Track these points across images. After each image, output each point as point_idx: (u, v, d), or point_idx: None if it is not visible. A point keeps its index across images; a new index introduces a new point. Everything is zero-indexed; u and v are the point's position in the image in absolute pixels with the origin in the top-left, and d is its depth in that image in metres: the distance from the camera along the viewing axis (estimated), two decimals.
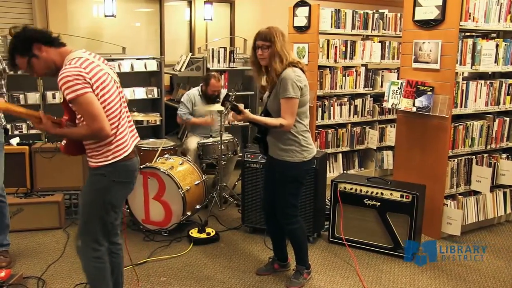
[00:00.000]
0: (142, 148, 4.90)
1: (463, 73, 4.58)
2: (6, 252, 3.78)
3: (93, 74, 2.51)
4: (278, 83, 3.15)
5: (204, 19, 8.49)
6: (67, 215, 4.65)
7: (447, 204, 4.32)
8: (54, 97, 5.55)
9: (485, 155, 4.54)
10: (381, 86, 5.97)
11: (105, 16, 7.52)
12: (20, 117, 5.43)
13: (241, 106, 3.17)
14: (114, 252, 2.92)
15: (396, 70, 5.87)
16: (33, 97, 5.54)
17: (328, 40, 5.52)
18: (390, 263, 3.92)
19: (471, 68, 4.22)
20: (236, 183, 5.50)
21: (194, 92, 5.49)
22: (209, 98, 5.37)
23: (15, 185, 4.57)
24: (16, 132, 5.35)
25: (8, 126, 4.40)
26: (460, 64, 4.13)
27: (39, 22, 7.19)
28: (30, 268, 3.72)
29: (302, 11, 5.55)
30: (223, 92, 5.63)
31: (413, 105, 4.28)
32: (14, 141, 4.77)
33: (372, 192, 4.05)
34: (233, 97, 3.20)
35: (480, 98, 4.36)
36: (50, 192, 4.61)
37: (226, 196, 5.20)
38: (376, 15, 5.84)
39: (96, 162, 2.62)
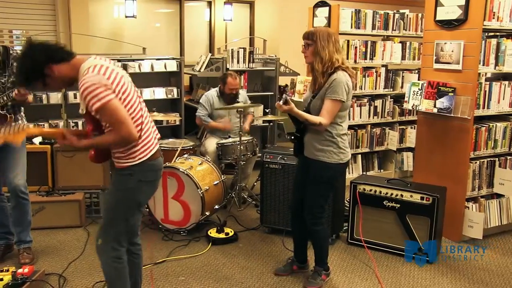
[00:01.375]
0: (162, 148, 4.91)
1: (485, 73, 4.51)
2: (29, 249, 3.84)
3: (113, 80, 2.50)
4: (328, 84, 3.17)
5: (224, 20, 8.52)
6: (88, 214, 4.70)
7: (468, 207, 4.26)
8: (75, 97, 5.61)
9: (508, 157, 4.46)
10: (402, 87, 5.91)
11: (126, 16, 7.60)
12: (42, 117, 5.58)
13: (288, 98, 3.20)
14: (134, 252, 2.94)
15: (417, 71, 5.82)
16: (55, 97, 5.61)
17: (348, 41, 5.49)
18: (410, 266, 3.87)
19: (495, 68, 4.15)
20: (255, 184, 5.50)
21: (212, 93, 5.48)
22: (227, 97, 5.36)
23: (37, 184, 4.64)
24: None
25: (31, 126, 4.47)
26: (483, 65, 4.07)
27: (62, 23, 7.30)
28: (51, 265, 3.77)
29: (322, 12, 5.53)
30: (242, 93, 5.63)
31: (434, 106, 4.23)
32: (37, 140, 4.83)
33: (391, 194, 4.01)
34: (288, 92, 3.22)
35: (503, 99, 4.29)
36: (71, 190, 4.66)
37: (245, 196, 5.20)
38: (396, 16, 5.79)
39: (124, 163, 2.65)
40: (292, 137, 3.43)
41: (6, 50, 3.57)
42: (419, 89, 4.37)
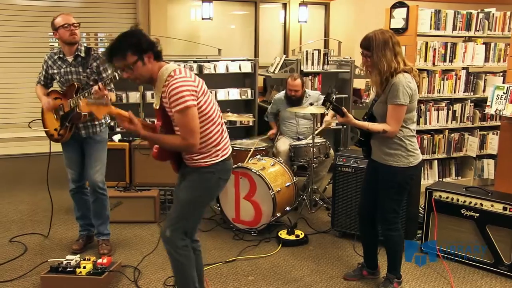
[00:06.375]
0: (235, 148, 4.99)
1: None
2: (108, 241, 4.03)
3: (197, 83, 2.62)
4: (388, 88, 3.07)
5: (299, 21, 8.51)
6: (162, 210, 4.85)
7: None
8: (152, 96, 5.81)
9: None
10: (484, 90, 5.64)
11: (202, 19, 7.79)
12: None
13: (344, 108, 3.14)
14: (196, 249, 3.02)
15: (501, 74, 5.53)
16: (134, 96, 5.85)
17: (427, 42, 5.31)
18: (490, 280, 3.67)
19: None
20: (327, 187, 5.45)
21: (282, 93, 5.61)
22: (290, 99, 5.40)
23: (115, 179, 4.85)
24: (118, 129, 5.66)
25: (112, 123, 4.68)
26: None
27: (142, 26, 7.57)
28: (127, 258, 3.93)
29: (400, 13, 5.38)
30: (311, 93, 5.59)
31: None
32: (116, 137, 5.06)
33: (470, 202, 3.83)
34: (334, 96, 3.16)
35: None
36: (146, 187, 4.84)
37: (317, 199, 5.16)
38: (481, 15, 5.52)
39: (206, 162, 2.75)
40: (357, 142, 3.37)
41: (88, 50, 3.78)
42: (503, 92, 4.15)
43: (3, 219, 4.79)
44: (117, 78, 3.38)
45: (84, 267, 3.38)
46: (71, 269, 3.38)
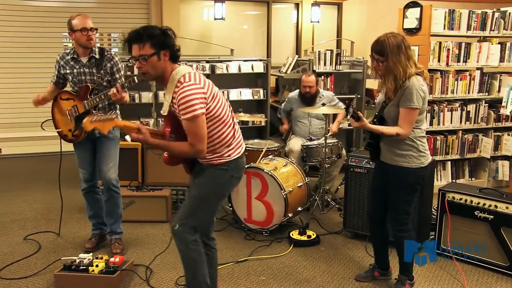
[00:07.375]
0: (247, 149, 4.98)
1: None
2: (120, 240, 4.06)
3: (207, 89, 2.62)
4: (401, 91, 3.06)
5: (311, 22, 8.49)
6: (174, 210, 4.86)
7: None
8: (165, 96, 5.83)
9: None
10: (498, 91, 5.58)
11: (215, 19, 7.80)
12: (134, 115, 5.85)
13: (360, 113, 3.13)
14: (212, 247, 3.05)
15: None
16: (147, 96, 5.88)
17: (440, 43, 5.26)
18: (506, 284, 3.62)
19: None
20: (339, 187, 5.43)
21: (296, 92, 5.61)
22: (304, 97, 5.40)
23: (128, 179, 4.87)
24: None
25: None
26: None
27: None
28: (139, 257, 3.95)
29: (413, 12, 5.35)
30: (324, 93, 5.58)
31: None
32: (128, 137, 5.06)
33: (484, 204, 3.79)
34: (354, 104, 3.16)
35: None
36: (159, 186, 4.86)
37: (328, 199, 5.14)
38: (496, 14, 5.46)
39: (218, 160, 2.78)
40: (367, 145, 3.35)
41: (102, 51, 3.79)
42: None
43: (18, 217, 4.85)
44: (136, 81, 3.35)
45: (97, 266, 3.41)
46: (84, 267, 3.41)
